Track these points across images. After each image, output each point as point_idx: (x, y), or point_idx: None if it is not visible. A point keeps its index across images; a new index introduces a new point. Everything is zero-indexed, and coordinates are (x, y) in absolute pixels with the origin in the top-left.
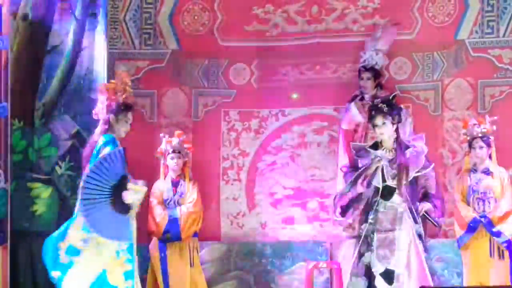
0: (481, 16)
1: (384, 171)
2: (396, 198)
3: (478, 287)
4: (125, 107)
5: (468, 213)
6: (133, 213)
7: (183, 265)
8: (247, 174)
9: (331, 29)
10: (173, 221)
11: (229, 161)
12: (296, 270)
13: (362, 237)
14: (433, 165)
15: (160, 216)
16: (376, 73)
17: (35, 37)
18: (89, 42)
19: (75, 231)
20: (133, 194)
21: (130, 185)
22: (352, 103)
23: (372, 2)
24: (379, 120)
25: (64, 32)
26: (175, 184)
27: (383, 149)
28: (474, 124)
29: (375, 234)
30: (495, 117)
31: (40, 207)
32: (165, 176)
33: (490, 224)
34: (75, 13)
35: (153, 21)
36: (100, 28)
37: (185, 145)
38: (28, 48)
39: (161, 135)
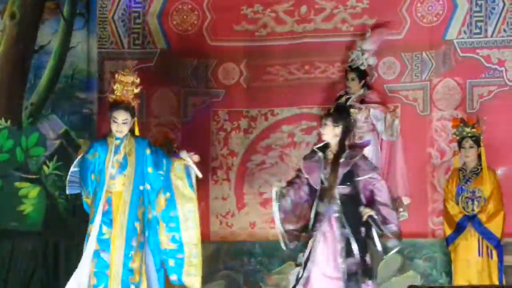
0: (469, 16)
1: (322, 173)
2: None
3: (467, 286)
4: (115, 105)
5: (457, 213)
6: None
7: None
8: (236, 174)
9: (320, 29)
10: None
11: (218, 160)
12: (285, 270)
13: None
14: (378, 170)
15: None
16: (361, 74)
17: (23, 36)
18: (77, 42)
19: None
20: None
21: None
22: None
23: (361, 2)
24: (323, 120)
25: (52, 32)
26: None
27: (329, 150)
28: (464, 124)
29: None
30: (485, 118)
31: (27, 207)
32: None
33: (478, 224)
34: (63, 12)
35: (142, 21)
36: (88, 27)
37: (174, 145)
38: (15, 47)
39: (149, 134)
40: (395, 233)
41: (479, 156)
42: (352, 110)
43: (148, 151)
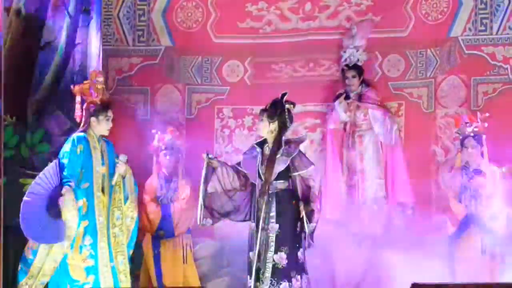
0: (474, 14)
1: (260, 168)
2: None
3: (470, 283)
4: (104, 106)
5: (460, 211)
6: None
7: (176, 261)
8: None
9: (324, 26)
10: (166, 218)
11: (223, 158)
12: None
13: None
14: (312, 166)
15: (153, 213)
16: (360, 70)
17: (29, 32)
18: (83, 38)
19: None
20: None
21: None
22: (337, 102)
23: (366, 0)
24: (259, 116)
25: (57, 28)
26: (168, 180)
27: (266, 146)
28: (466, 123)
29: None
30: (487, 114)
31: None
32: (158, 173)
33: (481, 222)
34: (69, 9)
35: (146, 18)
36: (94, 24)
37: (178, 142)
38: (21, 43)
39: (153, 131)
40: (310, 233)
41: (481, 154)
42: (288, 106)
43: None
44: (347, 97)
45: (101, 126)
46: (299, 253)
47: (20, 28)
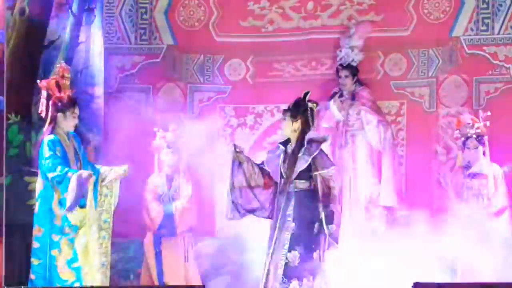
0: (476, 13)
1: (282, 167)
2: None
3: (472, 283)
4: (72, 103)
5: (462, 210)
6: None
7: (177, 260)
8: None
9: (326, 25)
10: (168, 217)
11: (225, 157)
12: None
13: None
14: (333, 167)
15: (155, 211)
16: (354, 70)
17: (32, 32)
18: (86, 37)
19: None
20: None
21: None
22: (331, 101)
23: None
24: (282, 115)
25: (61, 27)
26: (169, 179)
27: (290, 145)
28: (468, 124)
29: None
30: (488, 113)
31: None
32: (159, 172)
33: (483, 221)
34: (72, 8)
35: (149, 16)
36: (97, 23)
37: (180, 140)
38: (25, 43)
39: (155, 129)
40: (333, 235)
41: (483, 154)
42: (311, 105)
43: None
44: (341, 96)
45: (68, 122)
46: (315, 254)
47: (24, 28)
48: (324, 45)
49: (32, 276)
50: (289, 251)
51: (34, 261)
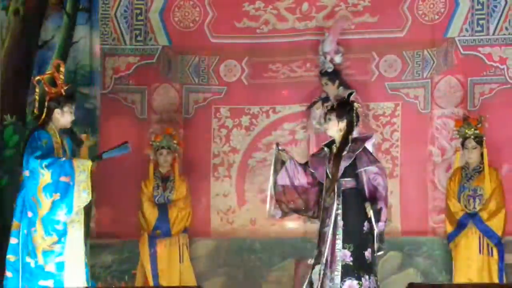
0: (471, 14)
1: (327, 167)
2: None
3: (467, 284)
4: (70, 98)
5: (459, 210)
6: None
7: (173, 261)
8: (237, 171)
9: (321, 26)
10: (163, 217)
11: (220, 157)
12: (285, 267)
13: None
14: (377, 164)
15: (149, 212)
16: (332, 76)
17: (27, 32)
18: (80, 37)
19: None
20: None
21: None
22: (314, 107)
23: (363, 0)
24: (327, 115)
25: (55, 27)
26: (164, 180)
27: (334, 145)
28: (467, 125)
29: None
30: (487, 116)
31: None
32: (154, 172)
33: (480, 221)
34: (66, 8)
35: (144, 17)
36: (91, 23)
37: (174, 141)
38: (20, 43)
39: (150, 130)
40: (380, 233)
41: (481, 155)
42: (356, 104)
43: None
44: (326, 100)
45: (65, 118)
46: (367, 253)
47: (18, 28)
48: (320, 46)
49: (8, 274)
50: (341, 249)
51: (11, 258)
